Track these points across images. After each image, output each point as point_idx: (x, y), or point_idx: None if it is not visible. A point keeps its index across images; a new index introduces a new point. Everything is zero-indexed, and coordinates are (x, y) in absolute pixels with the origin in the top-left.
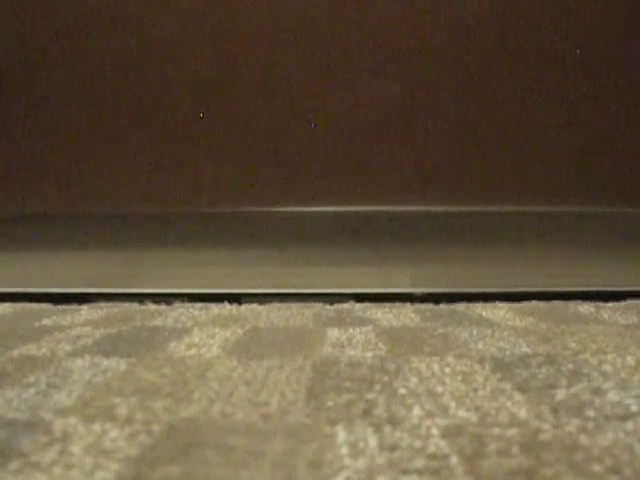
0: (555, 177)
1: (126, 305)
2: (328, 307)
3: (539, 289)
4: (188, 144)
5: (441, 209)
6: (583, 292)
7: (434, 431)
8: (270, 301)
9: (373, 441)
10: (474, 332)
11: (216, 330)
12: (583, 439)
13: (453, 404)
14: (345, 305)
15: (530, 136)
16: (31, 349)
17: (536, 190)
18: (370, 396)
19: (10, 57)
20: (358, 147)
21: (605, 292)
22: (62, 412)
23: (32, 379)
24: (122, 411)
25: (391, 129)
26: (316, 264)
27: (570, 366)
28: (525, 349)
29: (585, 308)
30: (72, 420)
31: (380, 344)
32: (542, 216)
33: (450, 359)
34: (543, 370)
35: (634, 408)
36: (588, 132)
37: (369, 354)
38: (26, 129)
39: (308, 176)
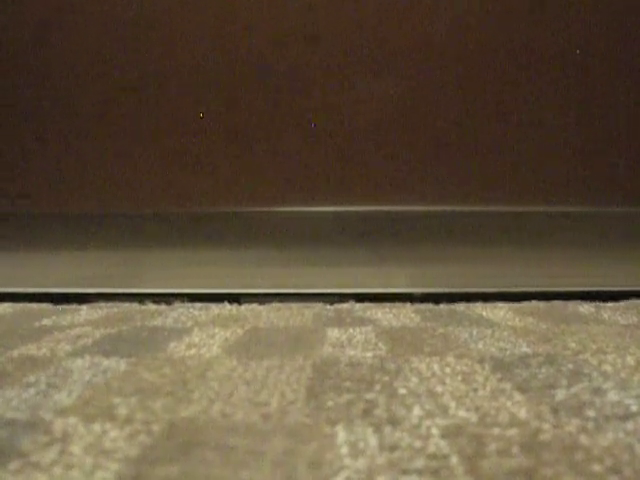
0: (555, 177)
1: (126, 305)
2: (328, 307)
3: (539, 289)
4: (188, 144)
5: (441, 209)
6: (583, 292)
7: (434, 431)
8: (270, 301)
9: (373, 441)
10: (474, 332)
11: (216, 330)
12: (583, 439)
13: (453, 404)
14: (345, 305)
15: (530, 136)
16: (31, 349)
17: (536, 190)
18: (370, 396)
19: (9, 56)
20: (358, 147)
21: (605, 292)
22: (62, 412)
23: (32, 379)
24: (122, 411)
25: (391, 129)
26: (316, 264)
27: (570, 366)
28: (525, 349)
29: (585, 308)
30: (72, 420)
31: (380, 344)
32: (542, 216)
33: (450, 359)
34: (543, 370)
35: (634, 408)
36: (588, 132)
37: (369, 354)
38: (26, 129)
39: (308, 176)
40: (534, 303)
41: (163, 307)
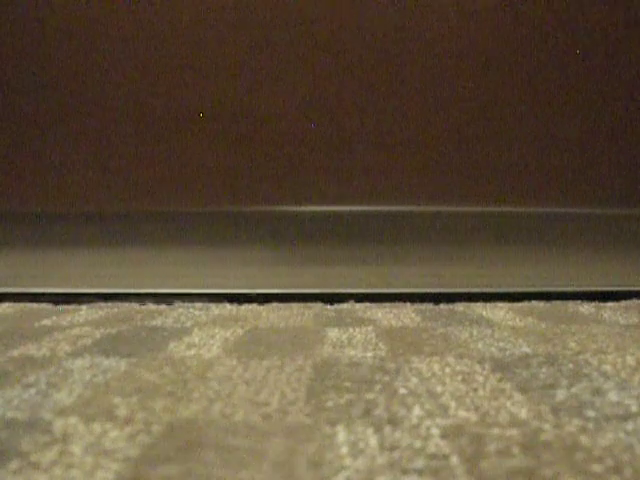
0: (555, 177)
1: (126, 305)
2: (328, 307)
3: (539, 289)
4: (188, 144)
5: (441, 209)
6: (583, 292)
7: (434, 431)
8: (270, 301)
9: (373, 441)
10: (474, 332)
11: (216, 330)
12: (583, 439)
13: (453, 404)
14: (345, 305)
15: (530, 136)
16: (31, 349)
17: (536, 190)
18: (370, 396)
19: (8, 56)
20: (358, 147)
21: (605, 292)
22: (62, 412)
23: (32, 379)
24: (122, 411)
25: (390, 130)
26: (316, 264)
27: (570, 366)
28: (525, 349)
29: (585, 308)
30: (72, 420)
31: (380, 344)
32: (542, 216)
33: (450, 359)
34: (543, 370)
35: (634, 408)
36: (588, 132)
37: (369, 354)
38: (26, 129)
39: (308, 176)
40: (534, 303)
41: (163, 307)
